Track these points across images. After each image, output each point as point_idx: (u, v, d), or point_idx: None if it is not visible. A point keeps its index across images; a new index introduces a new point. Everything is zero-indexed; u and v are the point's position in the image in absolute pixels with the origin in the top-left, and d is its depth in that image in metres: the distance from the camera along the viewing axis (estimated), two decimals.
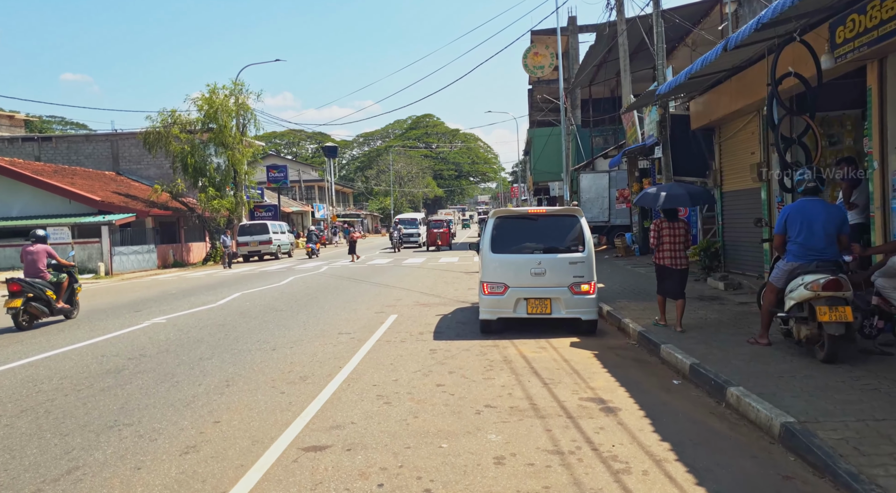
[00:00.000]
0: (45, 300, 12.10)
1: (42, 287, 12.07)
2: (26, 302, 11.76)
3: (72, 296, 13.05)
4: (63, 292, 12.63)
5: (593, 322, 9.62)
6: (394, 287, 17.14)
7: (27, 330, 11.79)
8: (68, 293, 12.90)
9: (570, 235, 9.70)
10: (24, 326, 11.79)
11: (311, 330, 10.66)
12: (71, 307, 12.98)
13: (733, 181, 13.89)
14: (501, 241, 9.72)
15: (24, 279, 11.90)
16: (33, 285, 11.91)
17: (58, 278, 12.55)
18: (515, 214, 10.05)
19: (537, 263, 9.45)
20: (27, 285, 11.80)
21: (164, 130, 34.67)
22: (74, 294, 13.15)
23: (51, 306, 12.22)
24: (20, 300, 11.66)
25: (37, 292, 11.93)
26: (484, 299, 9.68)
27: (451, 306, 13.11)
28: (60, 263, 12.66)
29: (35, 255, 12.30)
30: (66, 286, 12.72)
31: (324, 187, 69.97)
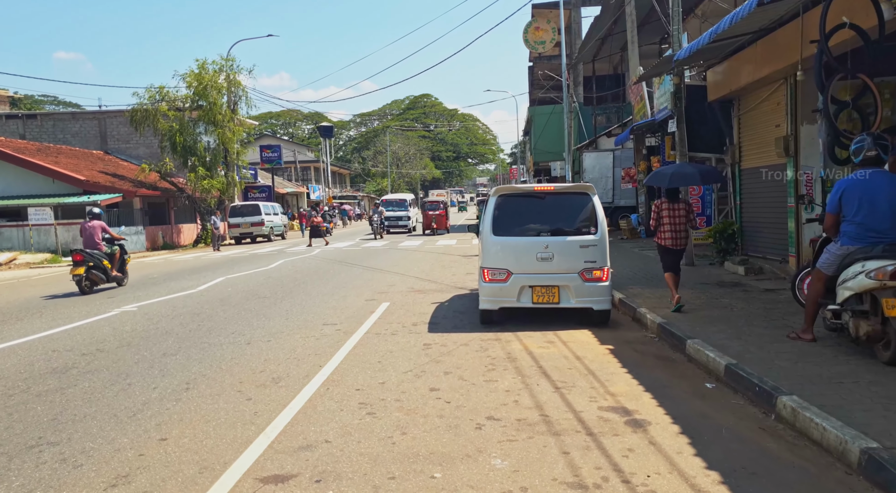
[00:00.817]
0: (102, 269, 13.73)
1: (99, 257, 13.68)
2: (88, 270, 13.42)
3: (122, 266, 14.61)
4: (116, 262, 14.28)
5: (606, 312, 8.63)
6: (387, 272, 16.15)
7: (89, 294, 13.39)
8: (120, 263, 14.47)
9: (580, 215, 8.67)
10: (86, 290, 13.49)
11: (293, 320, 9.66)
12: (122, 276, 14.63)
13: (753, 157, 12.84)
14: (504, 222, 8.70)
15: (85, 250, 13.51)
16: (92, 256, 13.53)
17: (111, 250, 14.13)
18: (520, 191, 9.01)
19: (544, 246, 8.44)
20: (88, 255, 13.44)
21: (152, 107, 33.50)
22: (125, 264, 14.74)
23: (107, 273, 13.88)
24: (83, 268, 13.34)
25: (96, 261, 13.56)
26: (484, 287, 8.67)
27: (448, 293, 12.12)
28: (113, 236, 14.25)
29: (92, 229, 13.78)
30: (118, 257, 14.36)
31: (320, 168, 68.75)
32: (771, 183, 12.06)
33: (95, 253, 13.61)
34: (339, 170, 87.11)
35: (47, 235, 27.20)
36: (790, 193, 11.02)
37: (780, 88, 11.24)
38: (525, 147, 65.61)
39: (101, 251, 13.77)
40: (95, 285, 13.76)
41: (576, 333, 8.22)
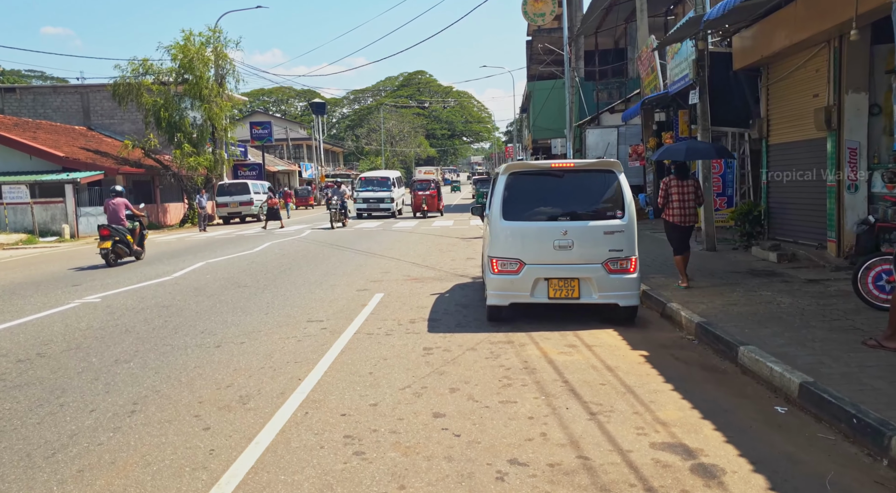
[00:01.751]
0: (126, 243, 14.46)
1: (124, 232, 14.38)
2: (114, 244, 14.11)
3: (142, 240, 15.32)
4: (136, 237, 14.94)
5: (634, 309, 7.49)
6: (381, 256, 14.95)
7: (114, 267, 14.11)
8: (139, 238, 15.14)
9: (605, 196, 7.48)
10: (112, 263, 14.19)
11: (273, 315, 8.49)
12: (141, 250, 15.30)
13: (784, 131, 11.64)
14: (515, 204, 7.50)
15: (112, 225, 14.20)
16: (118, 230, 14.24)
17: (133, 225, 14.80)
18: (534, 169, 7.78)
19: (562, 232, 7.26)
20: (113, 230, 14.15)
21: (135, 81, 32.02)
22: (144, 239, 15.47)
23: (130, 247, 14.62)
24: (110, 242, 14.02)
25: (121, 235, 14.28)
26: (492, 280, 7.50)
27: (449, 282, 10.95)
28: (135, 213, 14.89)
29: (116, 206, 14.46)
30: (138, 232, 15.04)
31: (312, 146, 67.17)
32: (805, 160, 10.89)
33: (120, 228, 14.37)
34: (333, 148, 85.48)
35: (23, 214, 25.87)
36: (830, 170, 9.85)
37: (821, 52, 10.01)
38: (522, 124, 64.10)
39: (125, 227, 14.52)
40: (120, 257, 14.60)
41: (600, 334, 7.07)
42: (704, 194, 12.34)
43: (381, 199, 30.49)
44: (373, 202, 30.48)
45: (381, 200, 30.49)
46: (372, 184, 31.60)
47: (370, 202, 30.46)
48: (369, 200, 30.53)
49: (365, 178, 32.69)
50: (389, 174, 32.99)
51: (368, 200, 30.53)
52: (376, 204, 30.48)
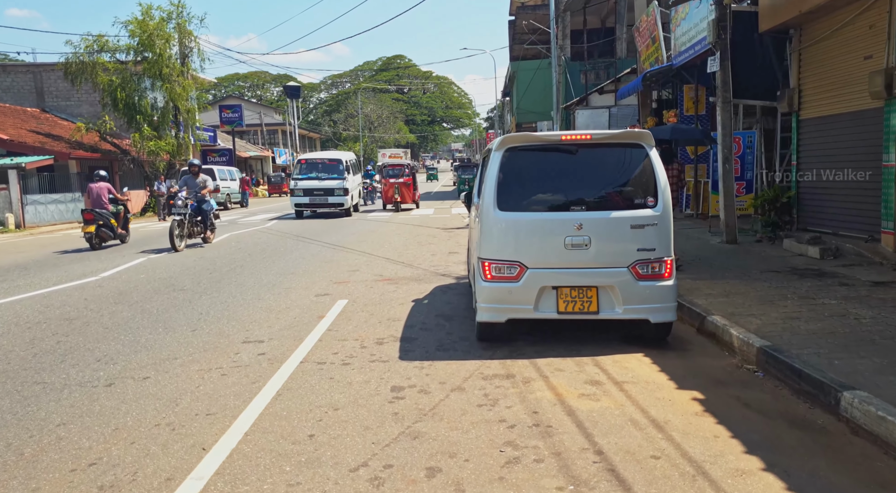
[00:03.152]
0: (110, 226, 14.46)
1: (107, 216, 14.38)
2: (98, 228, 14.16)
3: (126, 224, 15.35)
4: (121, 221, 14.94)
5: (668, 326, 5.74)
6: (351, 250, 13.07)
7: (98, 250, 14.10)
8: (124, 221, 15.17)
9: (631, 177, 5.69)
10: (96, 246, 14.26)
11: (202, 333, 6.61)
12: (126, 233, 15.32)
13: (821, 104, 9.93)
14: (514, 190, 5.68)
15: (95, 209, 14.16)
16: (101, 215, 14.22)
17: (116, 209, 14.82)
18: (538, 142, 5.92)
19: (576, 226, 5.46)
20: (97, 214, 14.14)
21: (89, 58, 29.67)
22: (128, 223, 15.57)
23: (114, 230, 14.63)
24: (93, 226, 14.09)
25: (104, 219, 14.28)
26: (484, 289, 5.69)
27: (428, 283, 9.14)
28: (117, 197, 14.97)
29: (99, 190, 14.41)
30: (122, 216, 15.04)
31: (288, 131, 64.78)
32: (851, 136, 9.19)
33: (104, 212, 14.33)
34: (309, 133, 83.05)
35: None
36: (889, 147, 8.14)
37: (878, 3, 8.27)
38: (504, 109, 62.22)
39: (108, 211, 14.49)
40: (104, 241, 14.60)
41: (627, 360, 5.30)
42: (725, 178, 10.67)
43: (328, 190, 22.10)
44: (317, 196, 22.19)
45: (330, 191, 22.12)
46: (315, 169, 22.92)
47: (314, 195, 22.15)
48: (313, 192, 22.13)
49: (306, 161, 23.81)
50: (341, 156, 23.94)
51: (311, 192, 22.15)
52: (322, 198, 22.18)
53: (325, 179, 22.44)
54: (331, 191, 22.14)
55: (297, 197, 22.28)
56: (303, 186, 22.23)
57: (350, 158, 24.88)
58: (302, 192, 22.17)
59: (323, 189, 22.19)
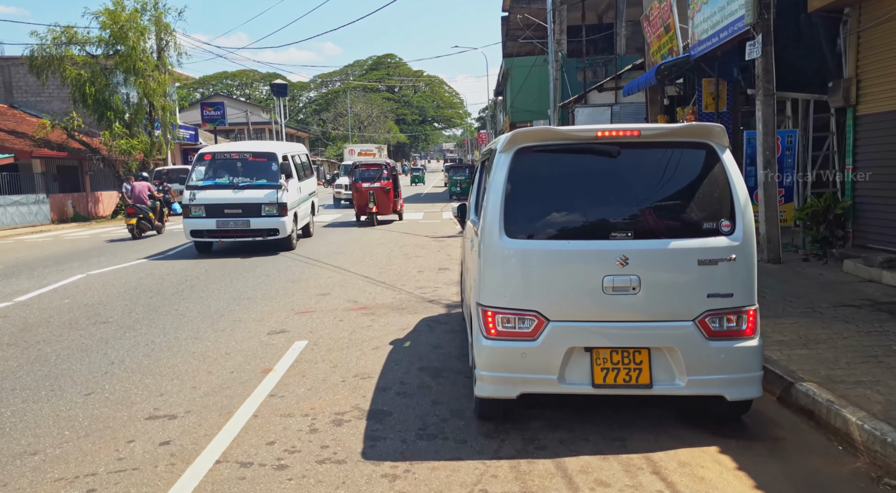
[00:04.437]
0: (148, 220, 16.76)
1: (146, 211, 16.60)
2: (139, 220, 16.52)
3: (162, 217, 17.62)
4: (157, 214, 17.19)
5: (747, 404, 4.03)
6: (325, 266, 11.28)
7: (139, 239, 16.21)
8: (160, 215, 17.43)
9: (697, 192, 3.96)
10: (137, 236, 16.52)
11: (96, 401, 4.83)
12: (161, 225, 17.56)
13: (884, 97, 8.25)
14: (528, 208, 3.95)
15: (136, 204, 16.50)
16: (141, 209, 16.50)
17: (153, 205, 16.95)
18: (562, 140, 4.11)
19: (619, 261, 3.75)
20: (138, 208, 16.48)
21: (56, 51, 27.84)
22: (164, 216, 17.84)
23: (152, 223, 16.92)
24: (135, 219, 16.49)
25: (144, 213, 16.54)
26: (486, 350, 3.94)
27: (412, 314, 7.38)
28: (154, 195, 17.06)
29: (141, 188, 16.73)
30: (158, 210, 17.26)
31: (275, 131, 62.85)
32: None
33: (143, 207, 16.56)
34: (297, 133, 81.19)
35: None
36: None
37: None
38: (497, 109, 60.56)
39: (147, 206, 16.66)
40: (143, 232, 16.83)
41: (699, 460, 3.58)
42: (767, 186, 8.99)
43: (250, 207, 12.84)
44: (231, 216, 12.82)
45: (252, 209, 12.84)
46: (230, 171, 13.46)
47: (224, 216, 12.82)
48: (222, 209, 12.83)
49: (212, 156, 13.79)
50: (275, 149, 14.09)
51: (220, 209, 12.82)
52: (239, 220, 12.81)
53: (244, 188, 12.80)
54: (254, 208, 12.66)
55: (195, 219, 12.65)
56: (205, 200, 12.64)
57: (295, 153, 15.28)
58: (203, 210, 12.62)
59: (241, 205, 12.66)
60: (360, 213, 18.85)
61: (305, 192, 15.28)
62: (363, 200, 18.48)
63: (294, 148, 16.17)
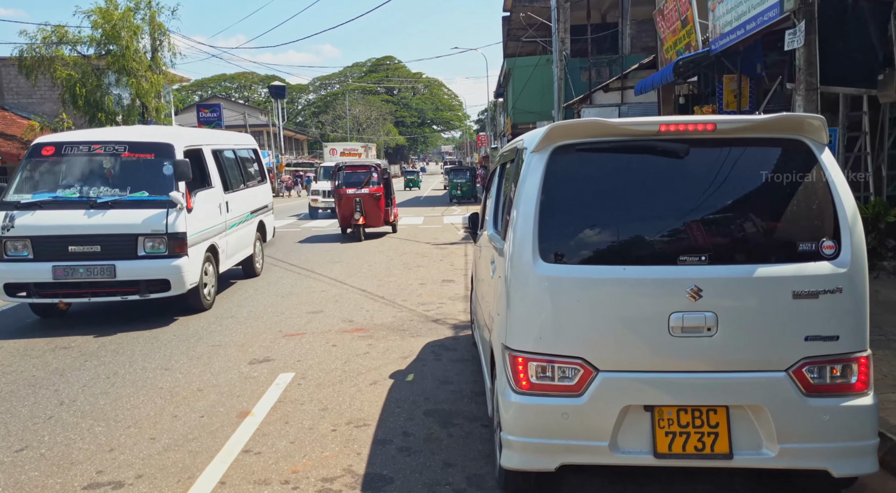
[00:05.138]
0: None
1: None
2: None
3: None
4: None
5: (852, 479, 3.13)
6: (319, 277, 10.38)
7: None
8: None
9: (790, 204, 3.06)
10: None
11: (28, 460, 3.93)
12: None
13: None
14: (569, 225, 3.06)
15: None
16: None
17: None
18: (614, 136, 3.15)
19: (689, 293, 2.86)
20: None
21: (47, 51, 27.12)
22: None
23: None
24: None
25: None
26: (516, 408, 3.04)
27: (415, 336, 6.49)
28: None
29: None
30: None
31: (273, 133, 62.08)
32: None
33: None
34: (296, 135, 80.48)
35: None
36: None
37: None
38: (497, 110, 59.73)
39: None
40: None
41: None
42: None
43: (114, 242, 7.24)
44: (81, 258, 7.18)
45: (118, 245, 7.25)
46: (84, 176, 7.78)
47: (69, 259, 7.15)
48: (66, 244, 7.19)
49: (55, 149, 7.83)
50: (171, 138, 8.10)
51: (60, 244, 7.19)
52: (96, 265, 7.16)
53: (106, 207, 7.37)
54: (123, 243, 7.31)
55: (13, 263, 7.23)
56: (32, 229, 7.25)
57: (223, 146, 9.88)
58: (29, 246, 7.24)
59: (98, 238, 7.26)
60: (344, 224, 15.94)
61: (242, 209, 9.61)
62: (348, 209, 15.42)
63: (224, 139, 10.37)
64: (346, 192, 15.28)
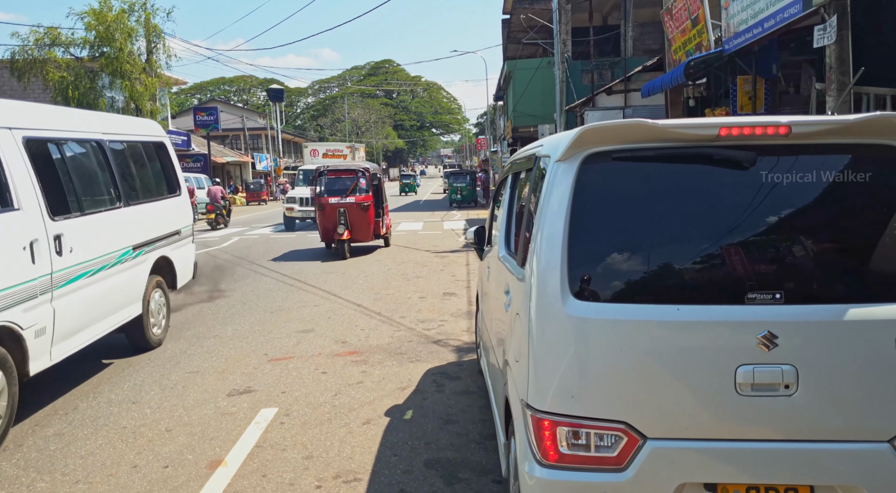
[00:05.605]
0: (222, 215, 21.63)
1: (220, 208, 21.57)
2: (216, 215, 21.34)
3: (229, 214, 22.57)
4: (227, 212, 22.33)
5: None
6: (311, 290, 9.75)
7: (216, 231, 20.40)
8: (228, 213, 22.45)
9: (889, 227, 2.44)
10: (215, 228, 21.05)
11: None
12: (229, 220, 22.50)
13: None
14: (608, 254, 2.43)
15: (213, 202, 21.48)
16: (217, 207, 21.43)
17: (225, 204, 21.99)
18: (665, 141, 2.51)
19: (761, 341, 2.23)
20: (216, 206, 21.41)
21: (39, 53, 26.60)
22: (230, 214, 22.93)
23: (224, 219, 21.76)
24: (214, 214, 21.28)
25: (219, 210, 21.48)
26: (540, 485, 2.41)
27: (414, 362, 5.85)
28: (225, 196, 22.64)
29: (215, 191, 22.14)
30: (228, 209, 22.37)
31: (271, 136, 61.55)
32: None
33: (218, 205, 21.23)
34: (294, 138, 79.87)
35: None
36: None
37: None
38: (496, 114, 59.18)
39: (221, 205, 21.29)
40: (218, 224, 20.97)
41: None
42: None
43: None
44: None
45: None
46: None
47: None
48: None
49: None
50: None
51: None
52: None
53: None
54: None
55: None
56: None
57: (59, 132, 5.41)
58: None
59: None
60: (327, 239, 13.74)
61: (110, 244, 5.72)
62: (330, 221, 13.17)
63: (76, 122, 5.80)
64: (329, 201, 13.14)
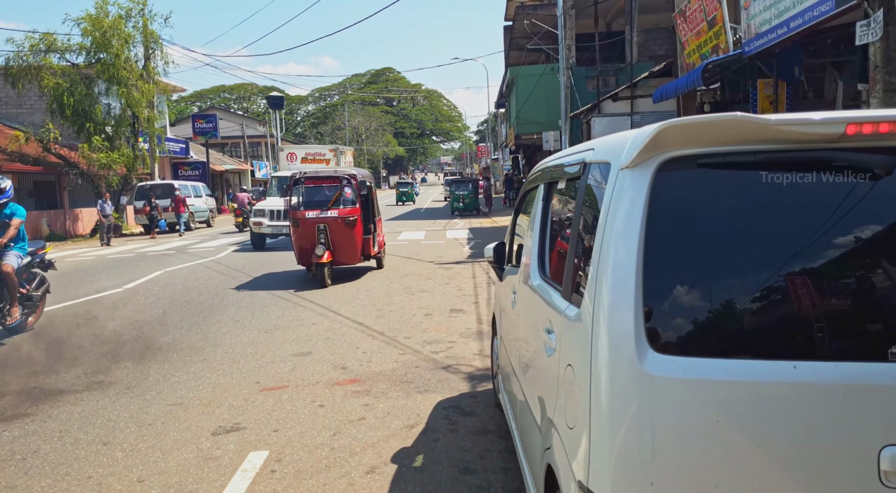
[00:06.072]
0: (248, 218, 21.25)
1: (246, 212, 22.60)
2: (243, 219, 23.72)
3: None
4: None
5: None
6: (309, 306, 9.14)
7: (241, 232, 23.18)
8: None
9: None
10: (240, 230, 23.86)
11: None
12: None
13: None
14: (693, 291, 1.82)
15: (242, 208, 24.15)
16: (244, 212, 23.47)
17: (250, 209, 20.35)
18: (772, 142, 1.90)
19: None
20: (243, 211, 23.81)
21: (34, 60, 26.13)
22: None
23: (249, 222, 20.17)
24: (241, 218, 24.01)
25: (245, 215, 22.98)
26: None
27: (422, 393, 5.22)
28: (252, 202, 22.17)
29: (242, 198, 25.16)
30: None
31: (271, 144, 61.10)
32: None
33: (245, 209, 23.33)
34: (295, 146, 79.44)
35: None
36: None
37: None
38: (497, 121, 58.69)
39: (247, 209, 22.21)
40: (245, 227, 22.82)
41: None
42: None
43: None
44: None
45: None
46: None
47: None
48: None
49: None
50: None
51: None
52: None
53: None
54: None
55: None
56: None
57: None
58: None
59: None
60: (304, 261, 11.22)
61: None
62: (307, 240, 10.78)
63: None
64: (306, 215, 10.79)
